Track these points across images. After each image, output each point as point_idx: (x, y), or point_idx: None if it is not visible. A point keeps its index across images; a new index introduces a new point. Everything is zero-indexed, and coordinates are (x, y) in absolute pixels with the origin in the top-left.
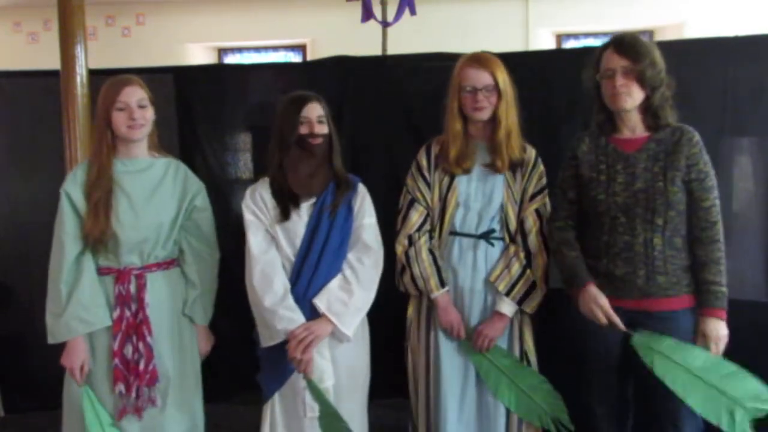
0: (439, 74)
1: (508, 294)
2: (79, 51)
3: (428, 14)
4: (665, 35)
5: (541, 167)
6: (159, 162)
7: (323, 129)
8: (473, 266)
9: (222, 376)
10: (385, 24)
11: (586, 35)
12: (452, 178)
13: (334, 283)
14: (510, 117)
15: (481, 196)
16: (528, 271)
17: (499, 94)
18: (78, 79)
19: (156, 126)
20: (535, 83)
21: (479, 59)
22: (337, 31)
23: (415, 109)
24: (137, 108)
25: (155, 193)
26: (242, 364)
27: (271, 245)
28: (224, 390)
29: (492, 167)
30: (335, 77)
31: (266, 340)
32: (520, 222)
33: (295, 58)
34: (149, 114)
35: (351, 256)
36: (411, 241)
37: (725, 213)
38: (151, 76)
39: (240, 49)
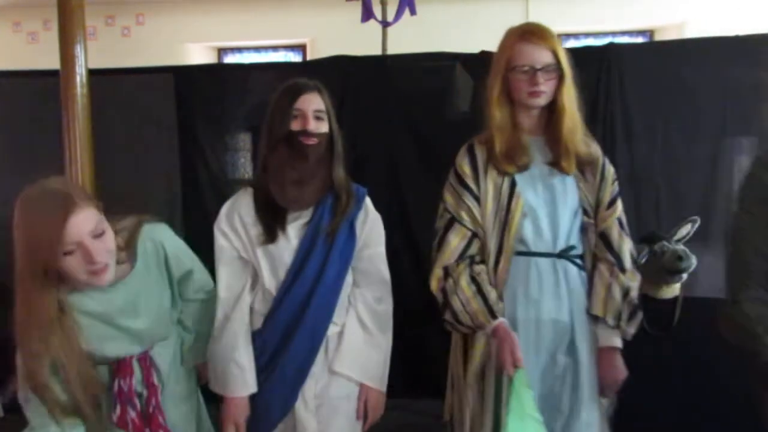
0: (439, 74)
1: (617, 325)
2: (79, 51)
3: (428, 14)
4: (665, 35)
5: (611, 167)
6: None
7: (321, 126)
8: (555, 294)
9: None
10: (385, 24)
11: (586, 35)
12: (513, 182)
13: (357, 340)
14: (574, 103)
15: (551, 204)
16: (630, 293)
17: (561, 74)
18: (78, 79)
19: (156, 127)
20: None
21: (538, 32)
22: (337, 31)
23: (415, 109)
24: (92, 239)
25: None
26: None
27: (242, 286)
28: None
29: (556, 167)
30: (335, 77)
31: (217, 387)
32: (601, 235)
33: (295, 58)
34: (109, 239)
35: (369, 296)
36: (447, 273)
37: (725, 213)
38: (151, 76)
39: (240, 49)
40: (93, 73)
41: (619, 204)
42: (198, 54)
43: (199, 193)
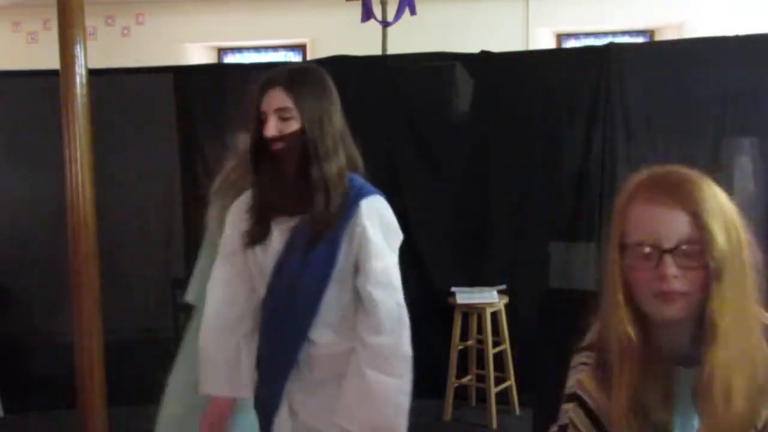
0: (439, 74)
1: None
2: (79, 51)
3: (428, 14)
4: (665, 35)
5: None
6: None
7: (287, 127)
8: None
9: None
10: (385, 24)
11: (586, 35)
12: None
13: (350, 389)
14: (746, 316)
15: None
16: None
17: (715, 259)
18: (78, 79)
19: (156, 127)
20: (535, 83)
21: (669, 183)
22: (337, 31)
23: (415, 109)
24: None
25: None
26: None
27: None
28: None
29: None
30: (335, 77)
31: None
32: None
33: (295, 58)
34: None
35: (361, 327)
36: None
37: None
38: (151, 76)
39: (240, 49)
40: (93, 73)
41: None
42: (198, 54)
43: (199, 193)
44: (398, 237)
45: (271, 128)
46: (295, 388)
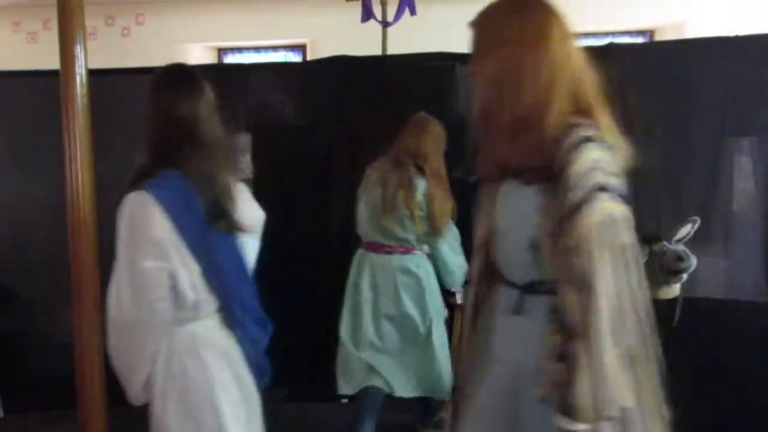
0: (439, 74)
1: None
2: (79, 51)
3: (428, 14)
4: (665, 35)
5: (584, 155)
6: None
7: None
8: (509, 330)
9: None
10: (385, 24)
11: (587, 35)
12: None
13: None
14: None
15: (506, 224)
16: (555, 364)
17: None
18: (78, 79)
19: None
20: None
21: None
22: (337, 31)
23: (415, 109)
24: None
25: None
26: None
27: None
28: None
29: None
30: (335, 77)
31: None
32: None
33: (295, 58)
34: None
35: None
36: None
37: (725, 213)
38: (151, 76)
39: (240, 49)
40: (93, 73)
41: (584, 223)
42: (198, 54)
43: None
44: (142, 238)
45: None
46: None
